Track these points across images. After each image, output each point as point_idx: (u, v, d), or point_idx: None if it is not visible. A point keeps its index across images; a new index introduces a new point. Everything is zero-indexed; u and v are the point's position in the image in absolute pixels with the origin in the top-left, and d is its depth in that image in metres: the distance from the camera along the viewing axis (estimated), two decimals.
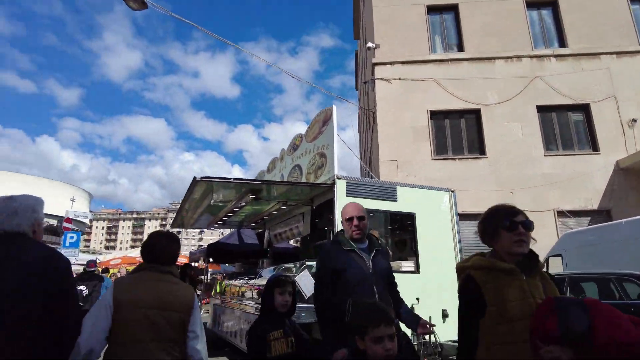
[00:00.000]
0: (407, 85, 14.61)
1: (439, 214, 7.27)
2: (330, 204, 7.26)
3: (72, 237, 15.26)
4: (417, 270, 6.77)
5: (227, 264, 28.58)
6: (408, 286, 6.44)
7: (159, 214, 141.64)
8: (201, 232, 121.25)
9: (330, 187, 6.53)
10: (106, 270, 16.57)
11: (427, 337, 6.10)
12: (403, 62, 15.02)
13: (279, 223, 9.27)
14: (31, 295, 1.79)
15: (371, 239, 3.11)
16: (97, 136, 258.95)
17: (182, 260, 17.34)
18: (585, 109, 13.62)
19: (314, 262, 6.51)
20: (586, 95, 13.58)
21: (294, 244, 14.62)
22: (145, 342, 2.07)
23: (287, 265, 7.15)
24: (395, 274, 4.12)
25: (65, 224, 15.57)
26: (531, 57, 14.45)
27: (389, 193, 6.90)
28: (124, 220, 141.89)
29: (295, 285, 5.93)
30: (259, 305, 7.34)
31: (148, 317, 2.09)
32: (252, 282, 8.62)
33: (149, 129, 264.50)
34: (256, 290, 7.72)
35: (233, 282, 9.93)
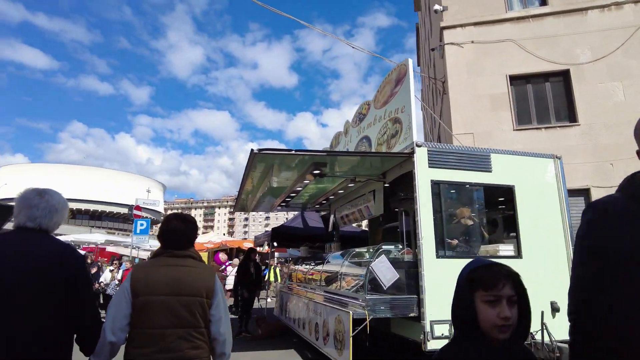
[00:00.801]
0: (482, 49, 13.04)
1: (543, 186, 5.92)
2: (406, 179, 6.22)
3: (142, 225, 15.60)
4: (518, 254, 5.54)
5: (291, 249, 28.54)
6: None
7: (227, 201, 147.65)
8: (267, 218, 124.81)
9: (408, 157, 5.48)
10: None
11: (537, 336, 4.91)
12: (475, 24, 13.42)
13: (346, 204, 8.38)
14: (47, 289, 1.82)
15: None
16: (167, 130, 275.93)
17: (247, 244, 17.23)
18: None
19: (391, 247, 5.54)
20: None
21: (359, 227, 13.75)
22: (162, 328, 2.04)
23: (358, 249, 6.24)
24: (490, 259, 3.56)
25: (135, 212, 15.97)
26: (635, 2, 12.10)
27: (481, 162, 5.69)
28: (195, 208, 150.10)
29: (374, 273, 5.03)
30: (322, 293, 6.62)
31: (164, 303, 2.06)
32: (319, 267, 7.88)
33: (215, 122, 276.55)
34: (325, 277, 6.96)
35: (299, 267, 9.29)
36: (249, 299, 8.91)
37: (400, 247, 5.32)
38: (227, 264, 16.01)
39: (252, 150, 4.82)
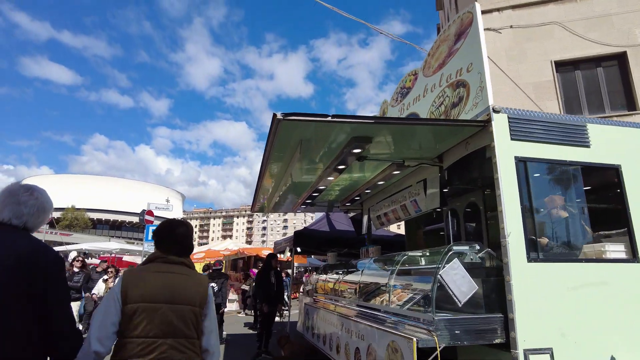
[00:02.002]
0: (522, 34, 11.83)
1: None
2: (472, 162, 4.81)
3: (154, 231, 14.49)
4: (633, 257, 4.07)
5: (312, 256, 27.03)
6: (619, 285, 3.80)
7: (246, 211, 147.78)
8: (285, 227, 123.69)
9: (483, 127, 4.08)
10: None
11: None
12: (514, 7, 12.26)
13: (384, 200, 6.99)
14: (15, 287, 1.75)
15: None
16: (186, 142, 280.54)
17: (267, 252, 15.94)
18: None
19: (464, 247, 4.12)
20: None
21: (388, 230, 12.25)
22: (154, 337, 1.93)
23: (411, 253, 4.83)
24: (597, 264, 3.32)
25: (147, 217, 14.89)
26: None
27: (575, 134, 4.25)
28: (214, 218, 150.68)
29: (444, 284, 3.62)
30: (361, 309, 5.08)
31: (156, 312, 1.96)
32: (354, 276, 6.50)
33: (232, 132, 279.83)
34: (363, 288, 5.58)
35: (327, 276, 7.91)
36: (269, 313, 7.57)
37: (477, 247, 3.88)
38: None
39: (274, 115, 3.51)
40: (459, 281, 3.59)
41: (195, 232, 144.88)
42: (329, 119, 3.64)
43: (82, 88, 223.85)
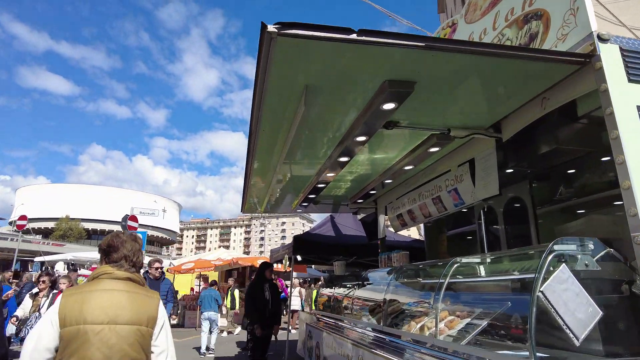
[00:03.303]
0: None
1: None
2: (551, 127, 3.41)
3: None
4: None
5: (313, 266, 25.34)
6: None
7: (243, 221, 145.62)
8: (283, 238, 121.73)
9: (582, 65, 2.68)
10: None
11: None
12: None
13: (408, 193, 5.56)
14: None
15: None
16: (183, 152, 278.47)
17: (262, 261, 14.41)
18: None
19: (571, 246, 2.67)
20: None
21: (402, 235, 10.69)
22: None
23: (466, 259, 3.36)
24: None
25: (130, 223, 13.35)
26: None
27: None
28: (211, 228, 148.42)
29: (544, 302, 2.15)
30: (389, 337, 3.41)
31: (98, 334, 1.81)
32: (368, 292, 5.04)
33: (230, 143, 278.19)
34: (391, 309, 4.14)
35: (334, 290, 6.44)
36: (263, 338, 6.07)
37: (592, 246, 2.42)
38: (283, 285, 14.81)
39: (264, 29, 2.11)
40: (572, 302, 2.15)
41: (193, 243, 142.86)
42: (354, 36, 2.23)
43: (80, 98, 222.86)
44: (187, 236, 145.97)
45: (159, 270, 6.62)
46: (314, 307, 8.68)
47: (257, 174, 4.90)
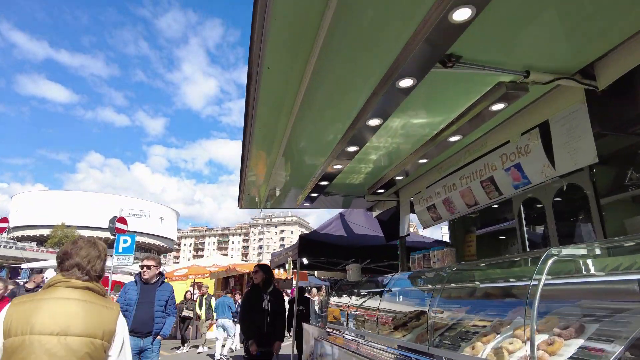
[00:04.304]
0: None
1: None
2: None
3: (125, 242, 11.91)
4: None
5: (315, 272, 24.02)
6: None
7: (241, 229, 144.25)
8: (282, 246, 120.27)
9: None
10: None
11: None
12: None
13: (443, 179, 4.50)
14: None
15: None
16: (181, 160, 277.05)
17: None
18: None
19: None
20: None
21: (422, 236, 9.51)
22: None
23: (568, 250, 2.28)
24: None
25: (118, 225, 12.27)
26: None
27: None
28: (209, 236, 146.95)
29: None
30: (424, 358, 2.49)
31: (44, 345, 1.67)
32: (390, 302, 3.94)
33: (228, 151, 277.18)
34: (408, 319, 3.06)
35: (348, 299, 5.35)
36: (261, 355, 4.94)
37: None
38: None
39: None
40: None
41: (190, 251, 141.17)
42: None
43: (79, 106, 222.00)
44: (185, 244, 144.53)
45: (150, 271, 4.76)
46: (320, 319, 7.56)
47: (259, 146, 3.83)
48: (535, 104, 3.12)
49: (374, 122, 3.04)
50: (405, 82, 2.51)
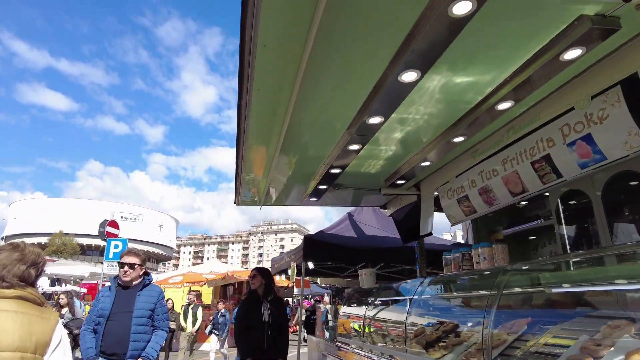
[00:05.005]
0: None
1: None
2: None
3: (116, 247, 11.15)
4: None
5: (318, 280, 23.10)
6: None
7: (241, 237, 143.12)
8: (282, 253, 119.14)
9: None
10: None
11: None
12: None
13: (482, 163, 3.77)
14: None
15: None
16: (181, 168, 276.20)
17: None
18: None
19: None
20: None
21: (438, 237, 8.61)
22: None
23: None
24: None
25: (109, 229, 11.50)
26: None
27: None
28: (209, 244, 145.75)
29: None
30: None
31: None
32: (420, 314, 3.19)
33: (227, 159, 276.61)
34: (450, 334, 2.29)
35: (364, 309, 4.60)
36: None
37: None
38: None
39: None
40: None
41: (190, 259, 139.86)
42: None
43: (78, 115, 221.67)
44: (184, 252, 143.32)
45: (133, 272, 3.57)
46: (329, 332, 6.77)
47: (257, 120, 3.11)
48: (620, 52, 2.40)
49: (410, 75, 2.32)
50: (462, 5, 1.80)
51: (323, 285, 25.60)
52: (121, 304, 3.54)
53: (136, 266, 3.66)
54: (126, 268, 3.62)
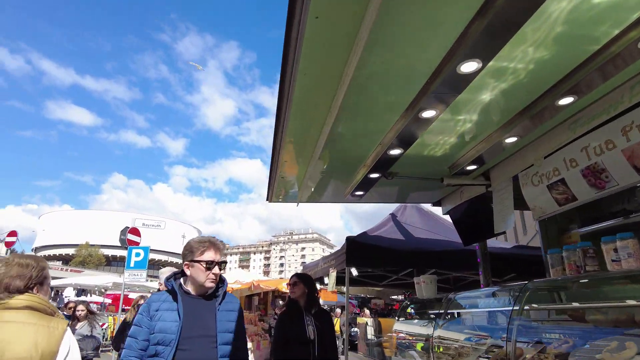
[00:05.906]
0: None
1: None
2: None
3: (138, 255, 10.65)
4: None
5: (343, 290, 22.20)
6: None
7: (262, 247, 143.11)
8: (303, 264, 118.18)
9: None
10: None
11: None
12: None
13: (583, 137, 2.95)
14: None
15: None
16: (202, 180, 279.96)
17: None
18: None
19: None
20: None
21: (494, 240, 7.41)
22: None
23: None
24: None
25: (130, 237, 11.00)
26: None
27: None
28: (231, 254, 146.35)
29: None
30: None
31: None
32: (524, 334, 2.33)
33: (247, 170, 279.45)
34: None
35: (426, 326, 3.75)
36: None
37: None
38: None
39: None
40: None
41: None
42: None
43: (102, 129, 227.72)
44: None
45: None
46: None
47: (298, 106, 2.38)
48: None
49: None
50: None
51: (349, 295, 24.49)
52: (196, 323, 2.21)
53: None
54: (216, 270, 2.30)
